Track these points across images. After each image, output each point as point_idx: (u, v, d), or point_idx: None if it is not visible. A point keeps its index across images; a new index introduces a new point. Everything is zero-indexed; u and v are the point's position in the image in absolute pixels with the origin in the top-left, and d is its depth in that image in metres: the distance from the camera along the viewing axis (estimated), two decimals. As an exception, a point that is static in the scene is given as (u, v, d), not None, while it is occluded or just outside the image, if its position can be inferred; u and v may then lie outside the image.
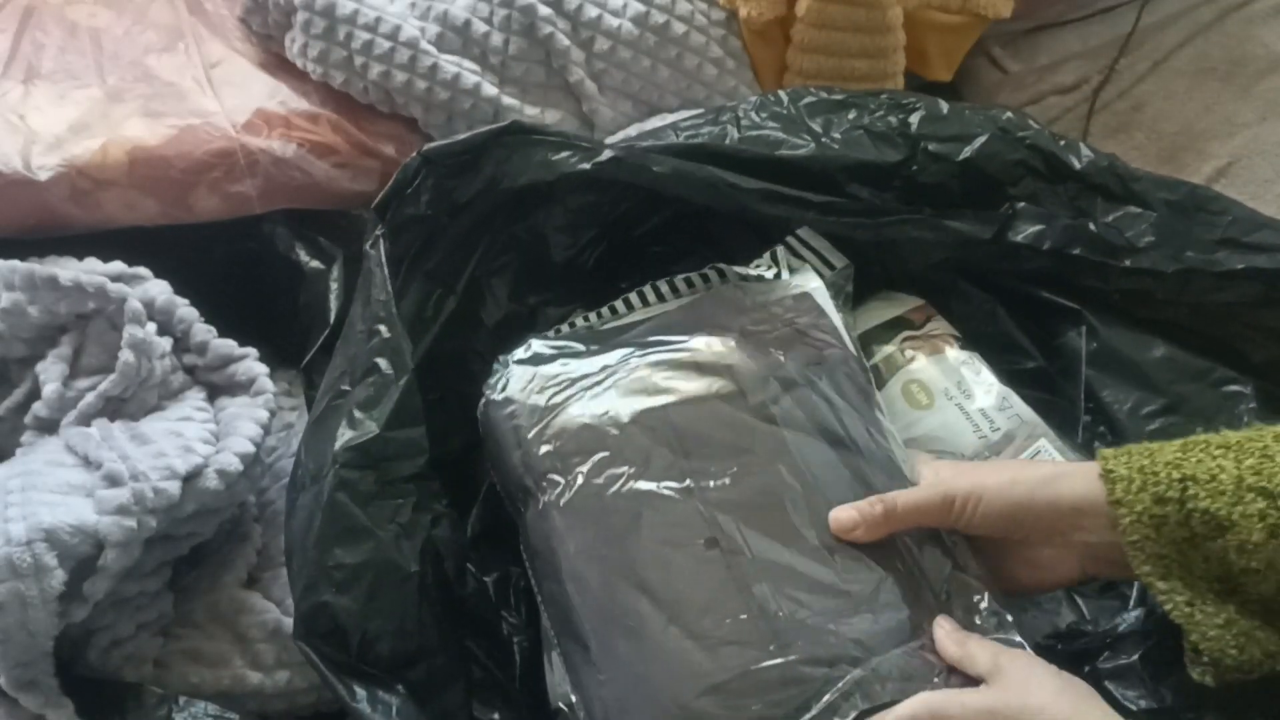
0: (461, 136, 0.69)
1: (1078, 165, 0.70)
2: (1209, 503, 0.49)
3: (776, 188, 0.69)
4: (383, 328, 0.63)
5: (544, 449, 0.61)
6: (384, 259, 0.65)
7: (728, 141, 0.70)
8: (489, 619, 0.65)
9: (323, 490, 0.59)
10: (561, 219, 0.73)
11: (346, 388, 0.62)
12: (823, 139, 0.70)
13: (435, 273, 0.70)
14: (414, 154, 0.68)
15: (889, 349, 0.73)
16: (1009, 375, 0.72)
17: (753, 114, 0.71)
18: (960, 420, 0.69)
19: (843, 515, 0.55)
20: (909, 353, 0.73)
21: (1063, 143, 0.71)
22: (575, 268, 0.76)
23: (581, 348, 0.67)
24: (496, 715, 0.60)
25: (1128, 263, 0.69)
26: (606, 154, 0.69)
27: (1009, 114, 0.72)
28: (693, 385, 0.62)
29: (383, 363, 0.62)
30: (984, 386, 0.70)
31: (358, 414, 0.61)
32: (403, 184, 0.68)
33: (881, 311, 0.75)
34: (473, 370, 0.73)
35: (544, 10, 0.85)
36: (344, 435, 0.60)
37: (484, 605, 0.65)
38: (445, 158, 0.68)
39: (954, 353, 0.72)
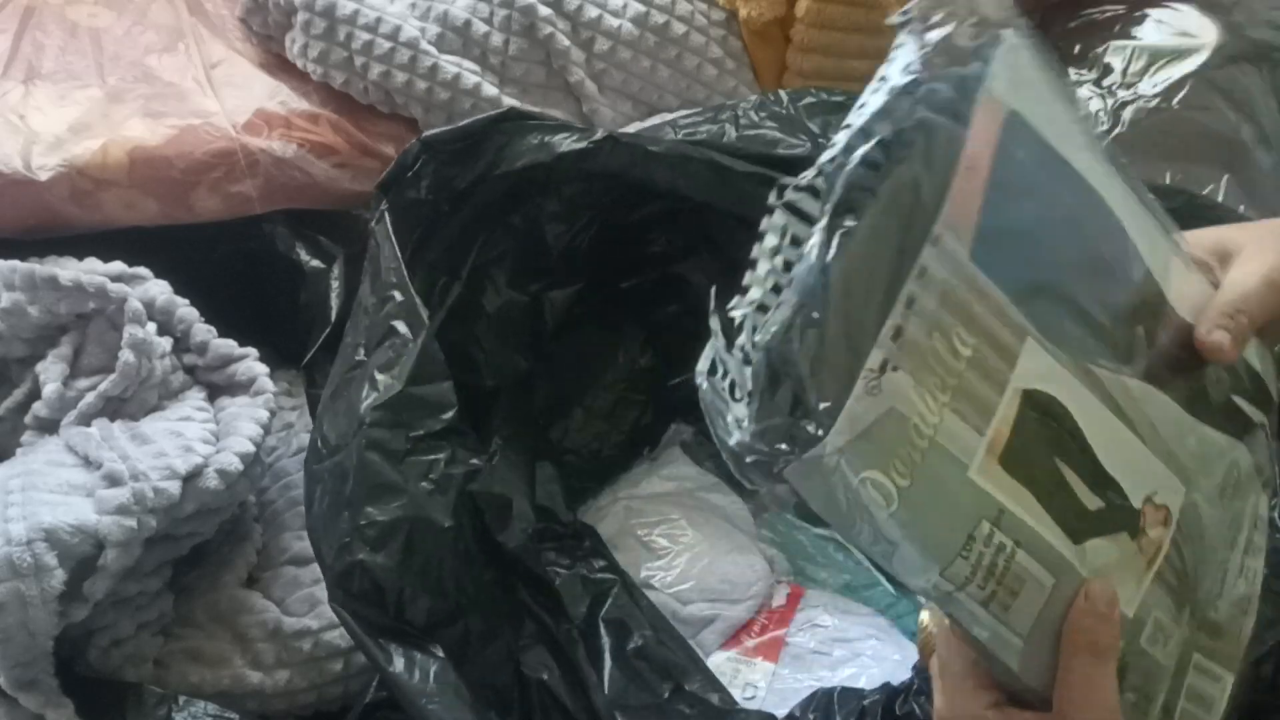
0: (460, 124, 0.69)
1: (1076, 171, 0.70)
2: None
3: (770, 172, 0.69)
4: (396, 293, 0.63)
5: None
6: (391, 232, 0.65)
7: (725, 140, 0.70)
8: (538, 572, 0.64)
9: (351, 451, 0.58)
10: (557, 206, 0.74)
11: (362, 357, 0.62)
12: (820, 140, 0.70)
13: (438, 263, 0.70)
14: (414, 140, 0.68)
15: None
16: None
17: (751, 113, 0.72)
18: None
19: None
20: None
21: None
22: (571, 252, 0.77)
23: None
24: (545, 675, 0.59)
25: None
26: (602, 133, 0.69)
27: (1007, 115, 0.72)
28: None
29: (399, 325, 0.62)
30: None
31: (379, 375, 0.61)
32: (403, 167, 0.68)
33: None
34: (475, 359, 0.73)
35: (544, 10, 0.85)
36: (369, 397, 0.60)
37: (532, 558, 0.64)
38: (444, 144, 0.68)
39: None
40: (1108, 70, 0.92)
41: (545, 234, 0.75)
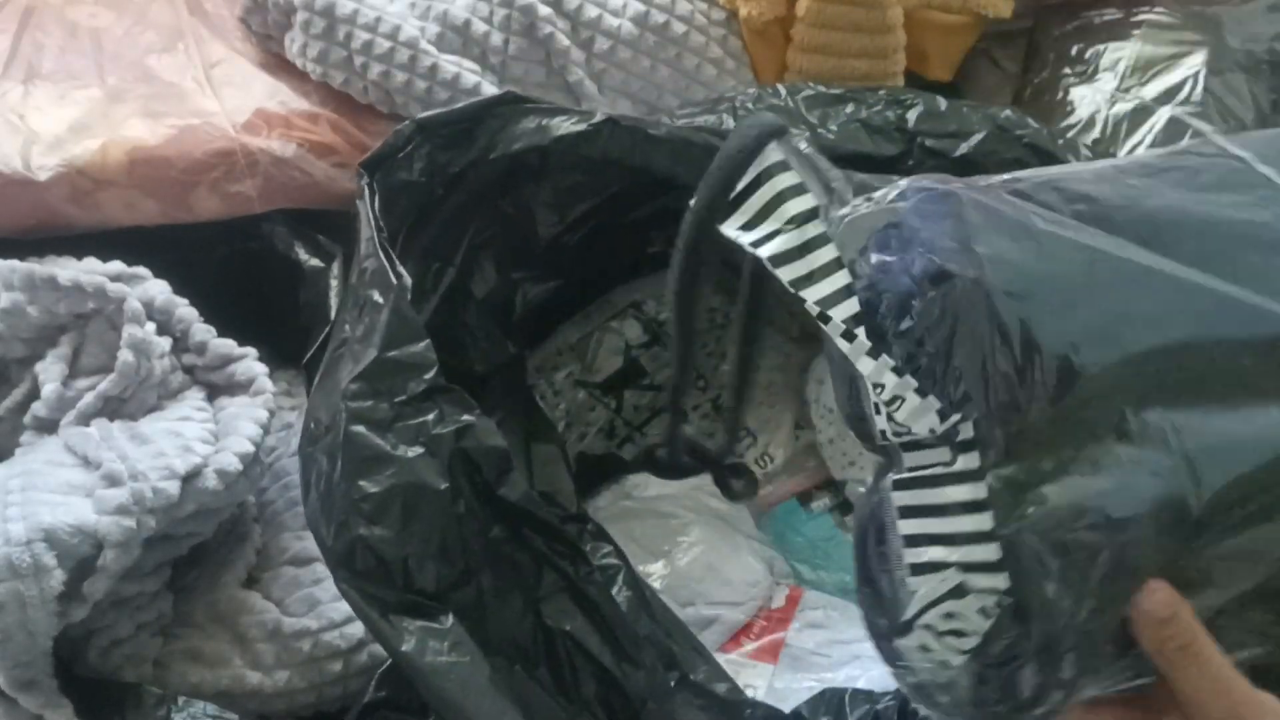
0: (457, 106, 0.68)
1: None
2: None
3: None
4: (369, 262, 0.61)
5: None
6: (370, 206, 0.64)
7: (723, 130, 0.70)
8: (547, 520, 0.62)
9: (338, 430, 0.57)
10: (550, 195, 0.73)
11: (347, 334, 0.61)
12: (819, 130, 0.70)
13: (432, 247, 0.69)
14: (407, 120, 0.67)
15: None
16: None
17: (749, 105, 0.71)
18: None
19: None
20: None
21: (1060, 142, 0.71)
22: (560, 245, 0.76)
23: None
24: (568, 625, 0.58)
25: None
26: (601, 115, 0.68)
27: (1007, 112, 0.72)
28: None
29: (373, 293, 0.61)
30: None
31: (357, 348, 0.59)
32: (394, 148, 0.67)
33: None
34: (463, 344, 0.72)
35: (544, 10, 0.85)
36: (348, 371, 0.59)
37: (538, 506, 0.64)
38: (440, 126, 0.67)
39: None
40: (1103, 75, 0.93)
41: (536, 223, 0.74)
